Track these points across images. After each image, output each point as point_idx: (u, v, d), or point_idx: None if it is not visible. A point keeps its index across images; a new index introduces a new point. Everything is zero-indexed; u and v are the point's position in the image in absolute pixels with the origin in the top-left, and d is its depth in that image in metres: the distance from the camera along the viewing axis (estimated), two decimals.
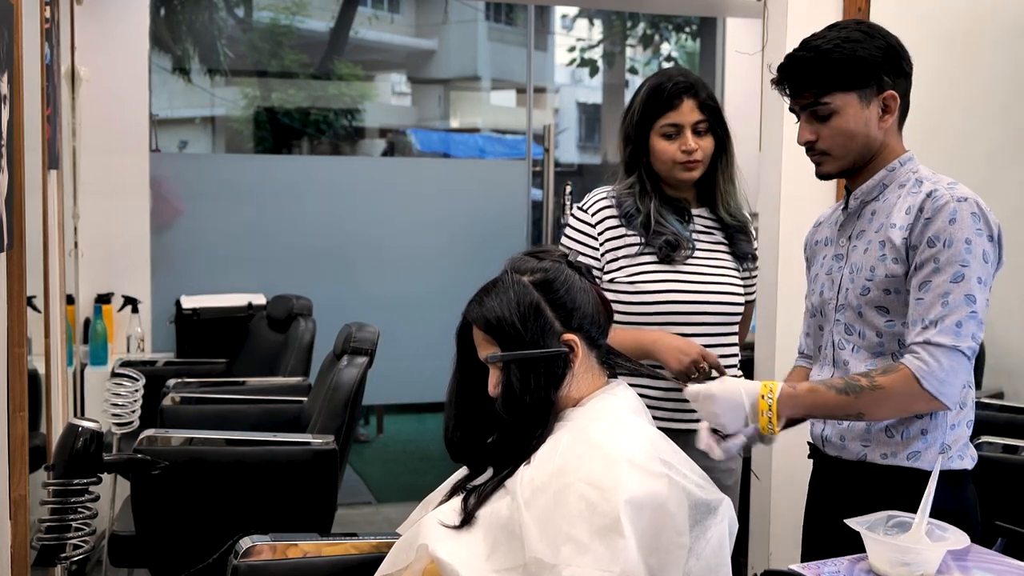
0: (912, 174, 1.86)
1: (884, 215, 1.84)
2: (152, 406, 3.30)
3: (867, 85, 1.81)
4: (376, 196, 4.92)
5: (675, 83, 2.25)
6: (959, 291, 1.71)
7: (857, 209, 1.91)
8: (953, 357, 1.70)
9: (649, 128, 2.26)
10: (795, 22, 2.97)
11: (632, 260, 2.26)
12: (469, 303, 1.74)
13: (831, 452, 1.90)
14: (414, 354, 4.71)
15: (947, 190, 1.77)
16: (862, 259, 1.85)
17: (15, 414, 2.15)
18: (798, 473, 2.97)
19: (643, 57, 9.03)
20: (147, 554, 2.75)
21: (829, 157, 1.87)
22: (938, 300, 1.72)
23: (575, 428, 1.66)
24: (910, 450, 1.80)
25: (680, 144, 2.23)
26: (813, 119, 1.85)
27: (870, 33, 1.84)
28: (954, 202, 1.74)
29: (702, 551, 1.57)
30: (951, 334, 1.70)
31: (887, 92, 1.83)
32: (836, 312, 1.90)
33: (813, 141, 1.87)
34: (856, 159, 1.87)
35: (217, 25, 7.82)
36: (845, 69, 1.80)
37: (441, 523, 1.65)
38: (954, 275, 1.71)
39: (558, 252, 1.80)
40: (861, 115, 1.82)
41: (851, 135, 1.83)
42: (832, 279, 1.92)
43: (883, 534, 1.55)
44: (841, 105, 1.82)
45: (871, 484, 1.82)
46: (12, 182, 2.12)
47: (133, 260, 4.38)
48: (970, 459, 1.84)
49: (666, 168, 2.26)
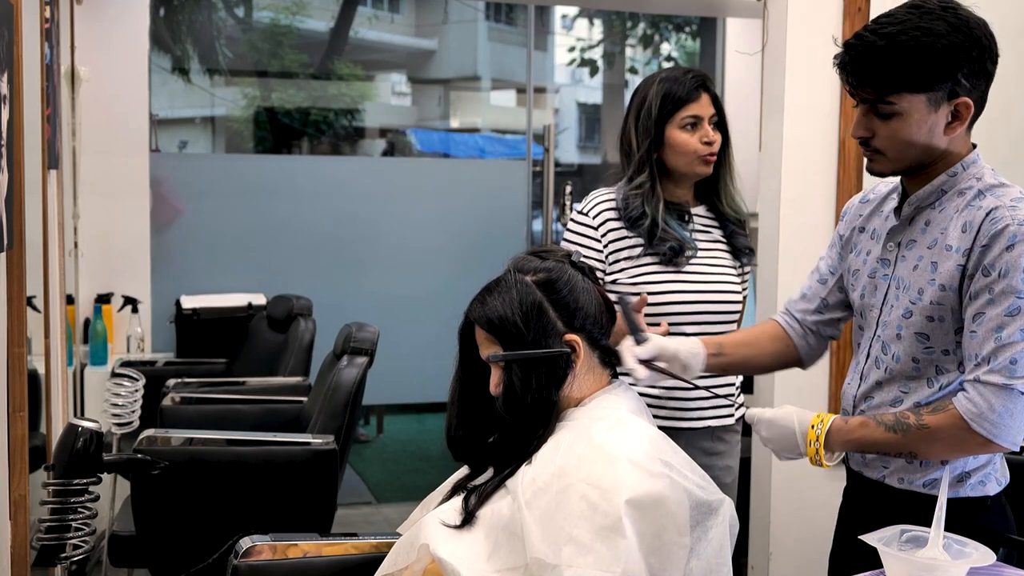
0: (975, 180, 1.68)
1: (939, 229, 1.68)
2: (152, 406, 3.29)
3: (939, 88, 1.61)
4: (376, 196, 4.92)
5: (693, 75, 2.27)
6: (1015, 325, 1.58)
7: (910, 215, 1.74)
8: (1007, 397, 1.57)
9: (666, 122, 2.25)
10: (795, 22, 2.97)
11: (635, 262, 2.26)
12: (472, 302, 1.74)
13: (854, 467, 1.85)
14: (414, 354, 4.72)
15: (1009, 210, 1.60)
16: (910, 277, 1.71)
17: (15, 414, 2.15)
18: (798, 474, 2.97)
19: (643, 57, 9.03)
20: (147, 554, 2.75)
21: (883, 157, 1.69)
22: (991, 335, 1.59)
23: (576, 428, 1.66)
24: (928, 477, 1.72)
25: (701, 136, 2.25)
26: (872, 115, 1.66)
27: (955, 23, 1.60)
28: (1015, 226, 1.58)
29: (703, 551, 1.57)
30: (1004, 372, 1.58)
31: (960, 99, 1.62)
32: (877, 326, 1.78)
33: (868, 138, 1.68)
34: (912, 163, 1.69)
35: (217, 25, 7.83)
36: (917, 67, 1.59)
37: (442, 523, 1.65)
38: (1009, 308, 1.58)
39: (561, 252, 1.80)
40: (926, 120, 1.63)
41: (911, 140, 1.64)
42: (875, 285, 1.79)
43: (898, 549, 1.47)
44: (906, 108, 1.62)
45: (890, 505, 1.75)
46: (12, 182, 2.11)
47: (133, 260, 4.38)
48: (995, 483, 1.74)
49: (686, 161, 2.26)
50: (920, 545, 1.48)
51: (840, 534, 1.93)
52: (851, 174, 2.96)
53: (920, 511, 1.67)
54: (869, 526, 1.55)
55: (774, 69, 3.06)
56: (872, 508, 1.80)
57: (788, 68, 2.97)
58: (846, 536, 1.88)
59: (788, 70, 2.97)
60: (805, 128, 2.98)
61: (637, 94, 2.32)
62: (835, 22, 2.95)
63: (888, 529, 1.50)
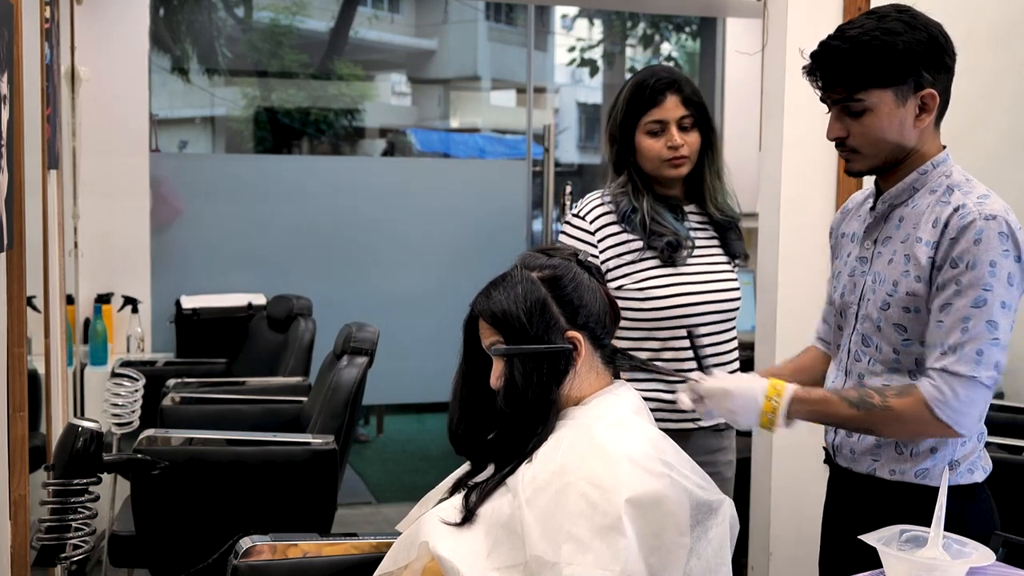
0: (944, 178, 1.75)
1: (911, 224, 1.75)
2: (152, 406, 3.30)
3: (904, 82, 1.70)
4: (376, 196, 4.92)
5: (658, 79, 2.24)
6: (980, 317, 1.63)
7: (885, 212, 1.81)
8: (971, 387, 1.63)
9: (634, 126, 2.25)
10: (795, 22, 2.97)
11: (636, 266, 2.25)
12: (477, 295, 1.75)
13: (842, 463, 1.86)
14: (414, 354, 4.72)
15: (976, 206, 1.67)
16: (886, 270, 1.77)
17: (15, 414, 2.15)
18: (798, 474, 2.98)
19: (643, 57, 9.03)
20: (147, 554, 2.75)
21: (859, 155, 1.77)
22: (958, 325, 1.64)
23: (577, 427, 1.66)
24: (919, 467, 1.75)
25: (666, 140, 2.23)
26: (844, 114, 1.74)
27: (911, 23, 1.70)
28: (981, 220, 1.65)
29: (703, 551, 1.57)
30: (970, 363, 1.63)
31: (926, 90, 1.71)
32: (856, 320, 1.83)
33: (843, 138, 1.76)
34: (888, 158, 1.76)
35: (217, 25, 7.83)
36: (881, 64, 1.69)
37: (442, 520, 1.65)
38: (976, 299, 1.63)
39: (569, 251, 1.81)
40: (896, 114, 1.71)
41: (883, 134, 1.73)
42: (854, 283, 1.84)
43: (897, 549, 1.47)
44: (875, 103, 1.71)
45: (881, 499, 1.78)
46: (12, 182, 2.11)
47: (133, 260, 4.38)
48: (981, 471, 1.78)
49: (653, 166, 2.25)
50: (920, 545, 1.48)
51: (829, 533, 1.93)
52: None
53: (912, 502, 1.71)
54: (860, 523, 1.57)
55: (774, 69, 3.06)
56: (862, 504, 1.81)
57: (788, 68, 2.97)
58: (836, 535, 1.89)
59: (788, 70, 2.97)
60: (805, 128, 2.98)
61: (617, 96, 2.32)
62: (835, 22, 2.92)
63: (887, 529, 1.51)
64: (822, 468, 1.95)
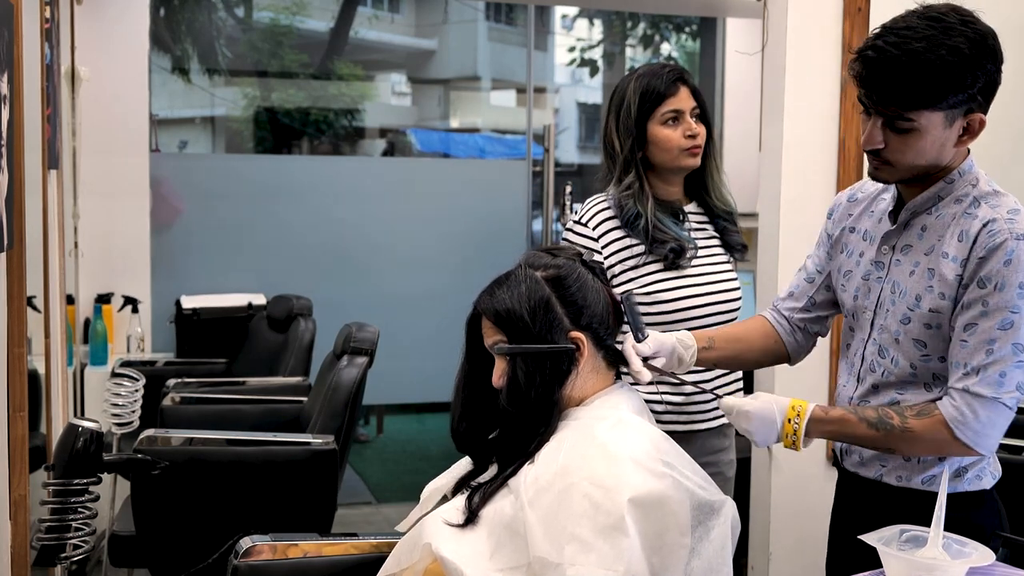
0: (971, 187, 1.70)
1: (935, 235, 1.70)
2: (152, 406, 3.30)
3: (958, 106, 1.60)
4: (376, 196, 4.92)
5: (670, 69, 2.26)
6: (1006, 339, 1.60)
7: (906, 220, 1.75)
8: (992, 408, 1.61)
9: (648, 119, 2.25)
10: (795, 22, 2.97)
11: (640, 270, 2.25)
12: (481, 293, 1.75)
13: (850, 467, 1.85)
14: (414, 354, 4.72)
15: (1006, 223, 1.62)
16: (908, 282, 1.72)
17: (15, 414, 2.15)
18: (798, 474, 2.98)
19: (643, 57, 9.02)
20: (147, 554, 2.75)
21: (891, 167, 1.68)
22: (983, 347, 1.61)
23: (579, 427, 1.66)
24: (926, 474, 1.74)
25: (684, 130, 2.24)
26: (887, 127, 1.65)
27: (974, 40, 1.58)
28: (1013, 240, 1.60)
29: (704, 551, 1.57)
30: (993, 384, 1.61)
31: (975, 115, 1.63)
32: (872, 329, 1.79)
33: (881, 149, 1.67)
34: (918, 174, 1.70)
35: (217, 25, 7.83)
36: (943, 86, 1.58)
37: (445, 522, 1.65)
38: (1002, 322, 1.60)
39: (573, 251, 1.81)
40: (941, 136, 1.63)
41: (923, 153, 1.65)
42: (869, 287, 1.80)
43: (897, 548, 1.48)
44: (925, 125, 1.61)
45: (888, 504, 1.77)
46: (12, 182, 2.11)
47: (133, 260, 4.38)
48: (990, 477, 1.77)
49: (671, 157, 2.25)
50: (920, 545, 1.48)
51: (836, 536, 1.93)
52: (851, 174, 2.96)
53: (918, 508, 1.69)
54: (866, 526, 1.56)
55: (774, 69, 3.05)
56: (868, 508, 1.80)
57: (788, 68, 2.97)
58: (843, 537, 1.88)
59: (788, 70, 2.97)
60: (805, 129, 2.98)
61: (616, 94, 2.31)
62: (835, 22, 2.95)
63: (887, 529, 1.51)
64: (822, 468, 1.95)
